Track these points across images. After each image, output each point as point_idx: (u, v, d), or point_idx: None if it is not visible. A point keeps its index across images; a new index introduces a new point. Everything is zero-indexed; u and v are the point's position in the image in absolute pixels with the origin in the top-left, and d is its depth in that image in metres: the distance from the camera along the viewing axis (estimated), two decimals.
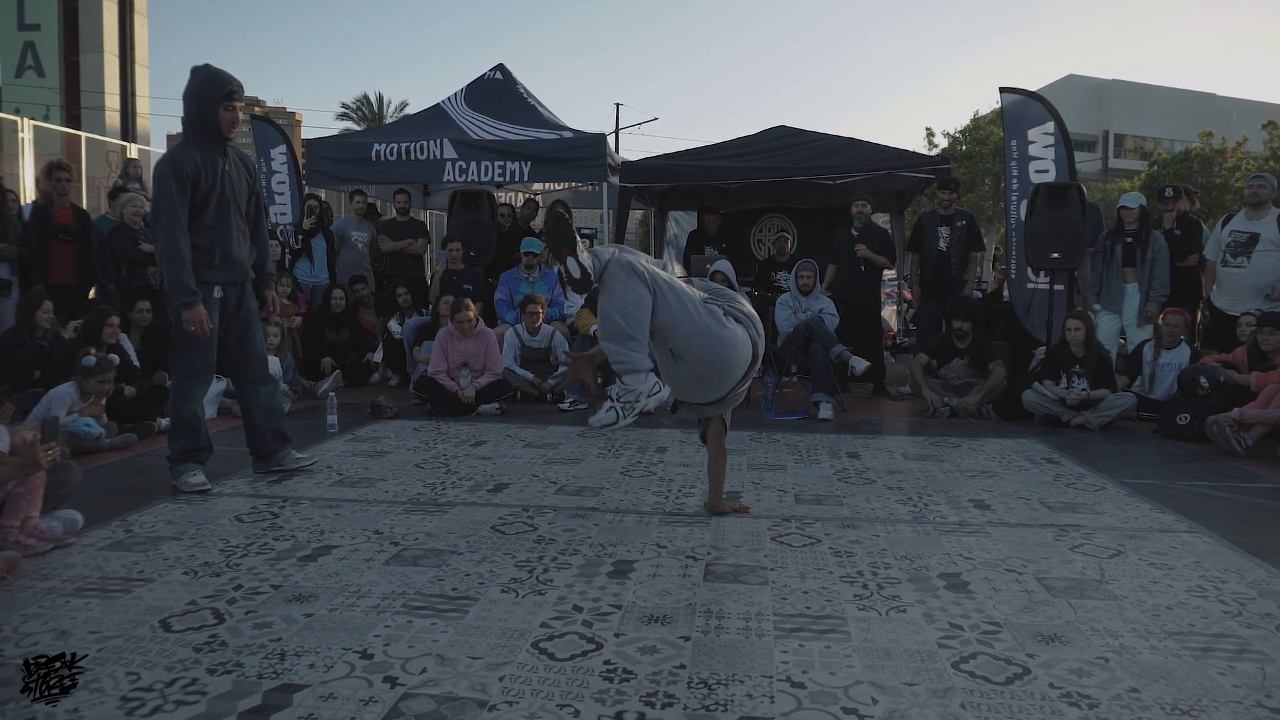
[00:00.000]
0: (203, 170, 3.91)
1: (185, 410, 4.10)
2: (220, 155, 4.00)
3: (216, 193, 3.96)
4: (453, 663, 2.27)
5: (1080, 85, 44.29)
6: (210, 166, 3.94)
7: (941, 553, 3.23)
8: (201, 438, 4.14)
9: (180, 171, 3.86)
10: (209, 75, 3.96)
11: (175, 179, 3.84)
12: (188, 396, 4.11)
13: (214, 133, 3.96)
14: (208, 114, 3.93)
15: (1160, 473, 4.66)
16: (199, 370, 4.11)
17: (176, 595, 2.71)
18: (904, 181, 9.01)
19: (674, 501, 3.92)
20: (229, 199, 4.02)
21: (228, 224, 4.03)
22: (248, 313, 4.25)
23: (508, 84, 9.72)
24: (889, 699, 2.10)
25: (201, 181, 3.91)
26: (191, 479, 4.04)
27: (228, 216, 4.03)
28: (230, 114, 3.95)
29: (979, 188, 24.23)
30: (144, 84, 23.39)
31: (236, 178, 4.09)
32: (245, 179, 4.17)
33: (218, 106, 3.92)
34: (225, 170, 4.01)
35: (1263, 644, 2.44)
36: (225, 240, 4.03)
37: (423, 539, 3.32)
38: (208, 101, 3.92)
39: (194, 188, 3.89)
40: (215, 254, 4.00)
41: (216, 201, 3.97)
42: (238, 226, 4.09)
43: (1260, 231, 6.48)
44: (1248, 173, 18.37)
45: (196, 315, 3.90)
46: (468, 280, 7.66)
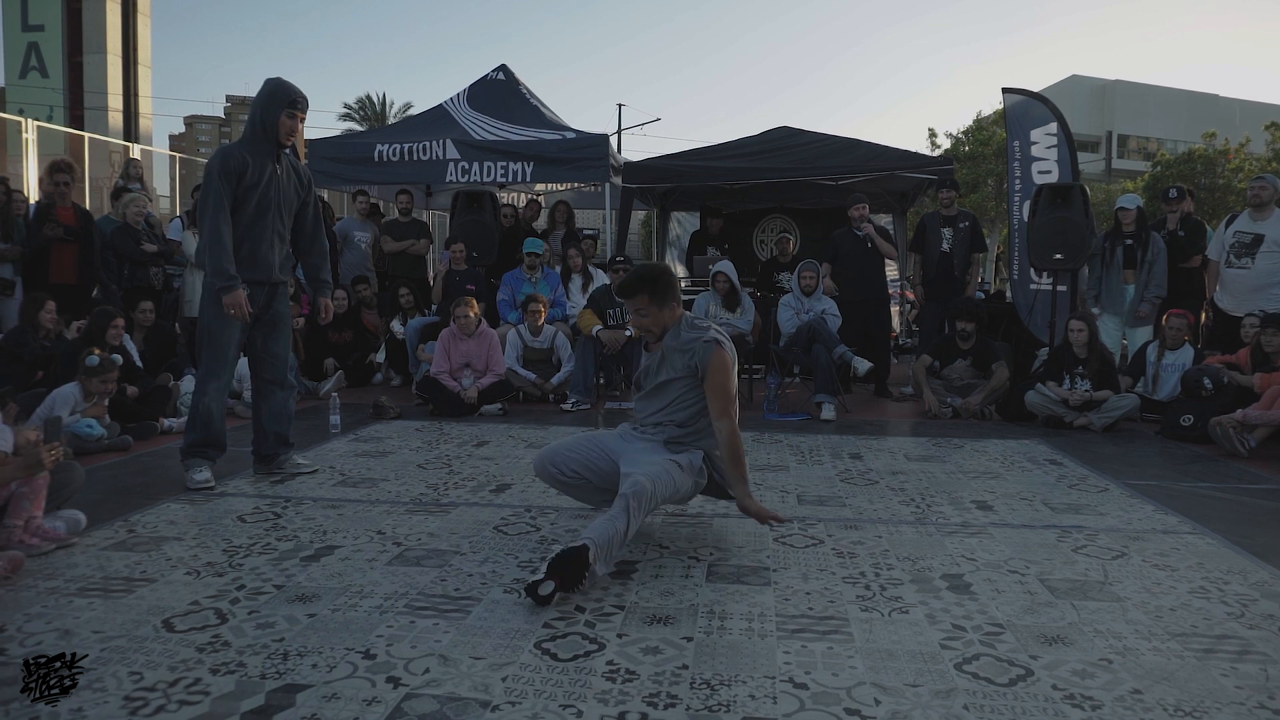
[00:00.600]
0: (250, 168, 4.05)
1: (200, 403, 4.17)
2: (272, 160, 4.14)
3: (259, 192, 4.09)
4: (455, 663, 2.27)
5: (1083, 86, 44.27)
6: (259, 167, 4.08)
7: (944, 554, 3.23)
8: (213, 434, 4.18)
9: (227, 166, 4.01)
10: (278, 84, 4.15)
11: (221, 171, 3.99)
12: (202, 390, 4.18)
13: (271, 137, 4.11)
14: (269, 118, 4.08)
15: (1163, 474, 4.65)
16: (214, 366, 4.16)
17: (179, 595, 2.71)
18: (906, 182, 9.02)
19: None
20: (271, 201, 4.14)
21: (264, 225, 4.14)
22: (277, 314, 4.33)
23: (510, 84, 9.74)
24: (892, 700, 2.10)
25: (247, 178, 4.04)
26: (196, 475, 4.08)
27: (265, 218, 4.14)
28: (290, 122, 4.12)
29: (982, 188, 24.22)
30: (147, 84, 23.44)
31: (285, 184, 4.22)
32: (295, 187, 4.30)
33: (280, 112, 4.08)
34: (275, 174, 4.14)
35: (1265, 645, 2.44)
36: (256, 239, 4.14)
37: (425, 539, 3.32)
38: (272, 106, 4.08)
39: (239, 181, 4.03)
40: (243, 250, 4.10)
41: (258, 201, 4.10)
42: (274, 230, 4.20)
43: (1265, 233, 6.47)
44: (1250, 174, 18.37)
45: (236, 299, 3.99)
46: (470, 280, 7.67)
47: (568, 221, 9.09)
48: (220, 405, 4.22)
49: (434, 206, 11.55)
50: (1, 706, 2.02)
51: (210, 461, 4.18)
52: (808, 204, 10.34)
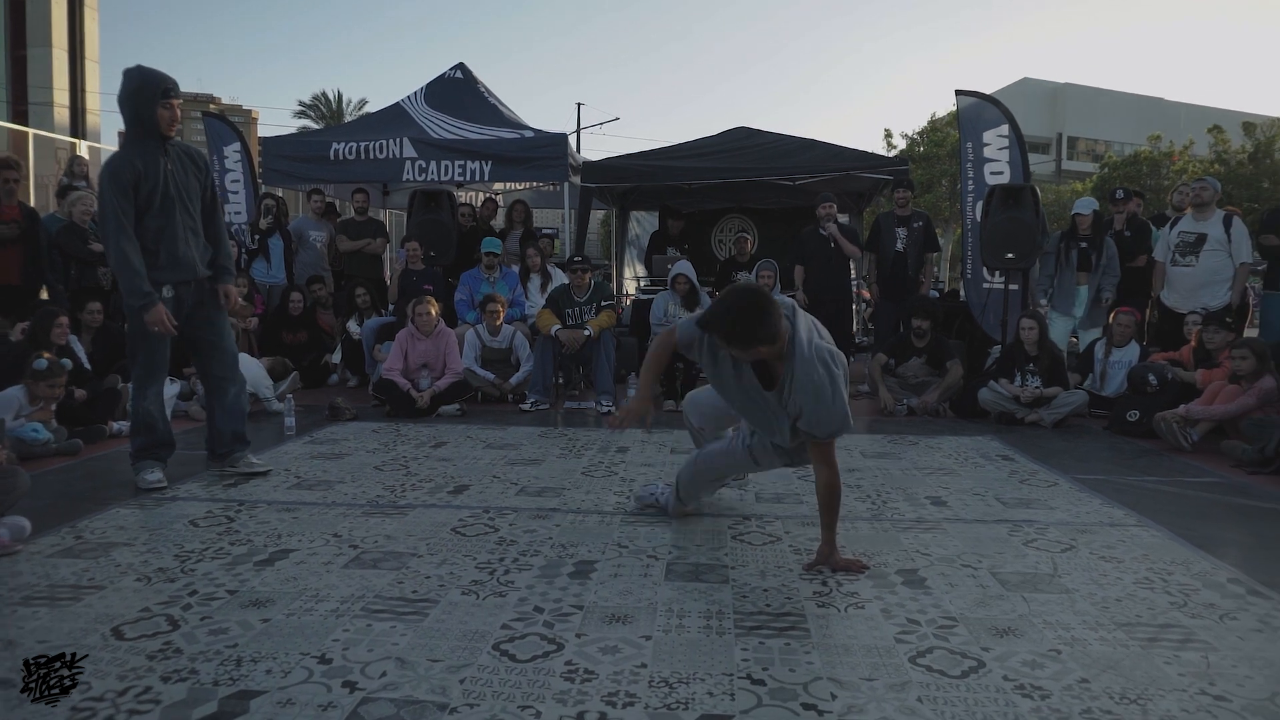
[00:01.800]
0: (143, 174, 3.88)
1: (140, 407, 4.10)
2: (161, 155, 3.96)
3: (160, 194, 3.94)
4: (413, 666, 2.25)
5: (1034, 88, 45.11)
6: (151, 168, 3.91)
7: (899, 549, 3.28)
8: (158, 434, 4.13)
9: (119, 179, 3.84)
10: (144, 75, 3.90)
11: (114, 187, 3.83)
12: (142, 394, 4.11)
13: (154, 132, 3.92)
14: (145, 114, 3.89)
15: (1110, 468, 4.76)
16: (152, 368, 4.09)
17: (129, 602, 2.66)
18: (863, 182, 9.12)
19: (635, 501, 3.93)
20: (174, 198, 3.98)
21: (173, 224, 4.00)
22: (209, 309, 4.23)
23: (468, 83, 9.68)
24: (848, 694, 2.13)
25: (142, 185, 3.88)
26: (148, 476, 4.03)
27: (173, 216, 3.99)
28: (169, 112, 3.92)
29: (936, 188, 24.59)
30: (94, 79, 22.89)
31: (183, 175, 4.04)
32: (194, 175, 4.12)
33: (155, 105, 3.88)
34: (168, 170, 3.97)
35: (1206, 633, 2.51)
36: (171, 240, 3.99)
37: (382, 542, 3.30)
38: (144, 101, 3.87)
39: (135, 191, 3.87)
40: (161, 254, 3.98)
41: (160, 202, 3.94)
42: (185, 225, 4.05)
43: (1207, 232, 6.66)
44: (1194, 175, 18.88)
45: (156, 316, 3.89)
46: (427, 280, 7.61)
47: (525, 221, 9.06)
48: (160, 406, 4.16)
49: (391, 206, 11.44)
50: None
51: (161, 462, 4.13)
52: (766, 204, 10.41)
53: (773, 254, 8.46)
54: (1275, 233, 6.70)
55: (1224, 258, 6.60)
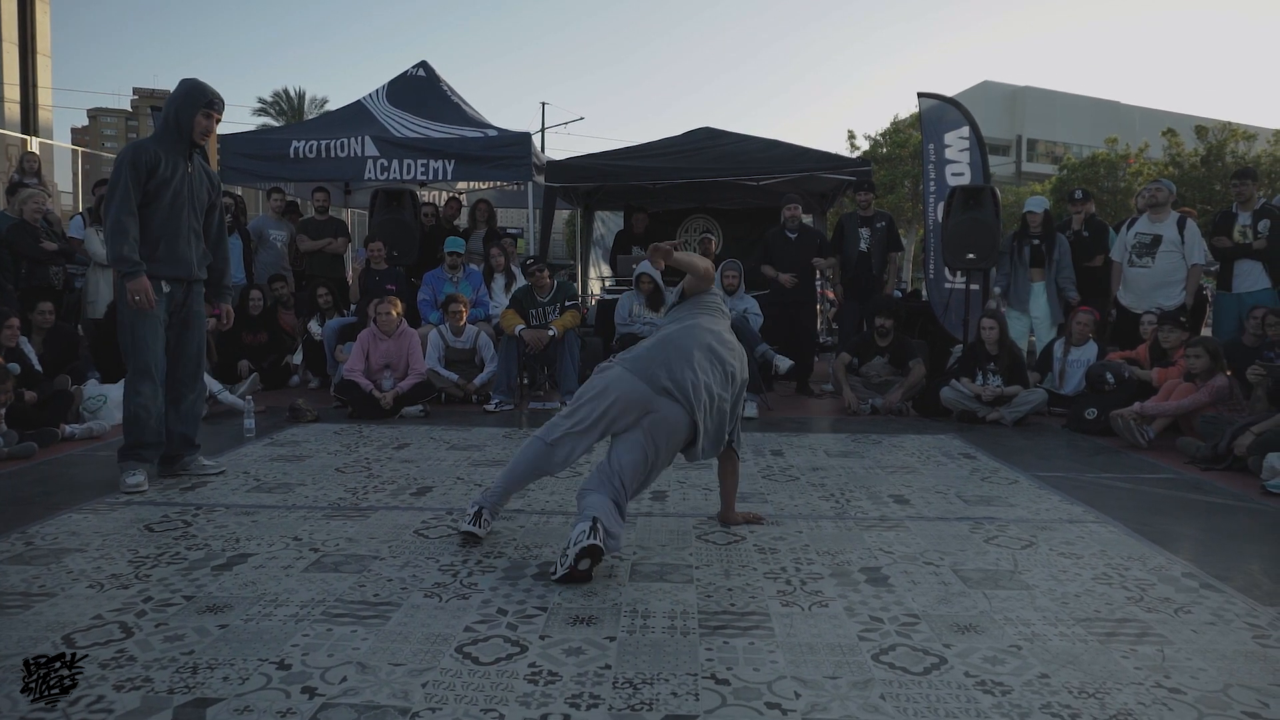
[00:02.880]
0: (163, 163, 4.01)
1: (132, 404, 4.10)
2: (184, 158, 4.13)
3: (172, 189, 4.06)
4: (374, 670, 2.22)
5: (995, 91, 45.78)
6: (171, 163, 4.06)
7: (862, 547, 3.30)
8: (147, 434, 4.11)
9: (139, 159, 3.97)
10: (195, 84, 4.15)
11: (131, 165, 3.96)
12: (134, 390, 4.11)
13: (185, 136, 4.10)
14: (184, 117, 4.07)
15: (1069, 465, 4.83)
16: (144, 365, 4.09)
17: (81, 610, 2.60)
18: (826, 183, 9.17)
19: None
20: (184, 199, 4.12)
21: (178, 221, 4.11)
22: (191, 313, 4.28)
23: (431, 81, 9.59)
24: (811, 693, 2.14)
25: (159, 173, 4.01)
26: (129, 479, 4.01)
27: (180, 215, 4.11)
28: (206, 121, 4.12)
29: (899, 189, 24.80)
30: (46, 75, 22.38)
31: (197, 184, 4.21)
32: (206, 189, 4.28)
33: (196, 112, 4.08)
34: (187, 172, 4.12)
35: (1162, 627, 2.55)
36: (173, 236, 4.10)
37: (343, 545, 3.25)
38: (188, 105, 4.08)
39: (150, 176, 3.99)
40: (160, 247, 4.07)
41: (171, 198, 4.07)
42: (189, 226, 4.17)
43: (1162, 233, 6.79)
44: (1149, 178, 19.25)
45: (140, 285, 3.94)
46: (390, 280, 7.54)
47: (489, 220, 9.00)
48: (155, 405, 4.14)
49: (353, 205, 11.31)
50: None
51: (145, 464, 4.12)
52: (730, 204, 10.45)
53: (737, 254, 8.47)
54: (1226, 234, 6.85)
55: (1179, 259, 6.73)
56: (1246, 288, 6.75)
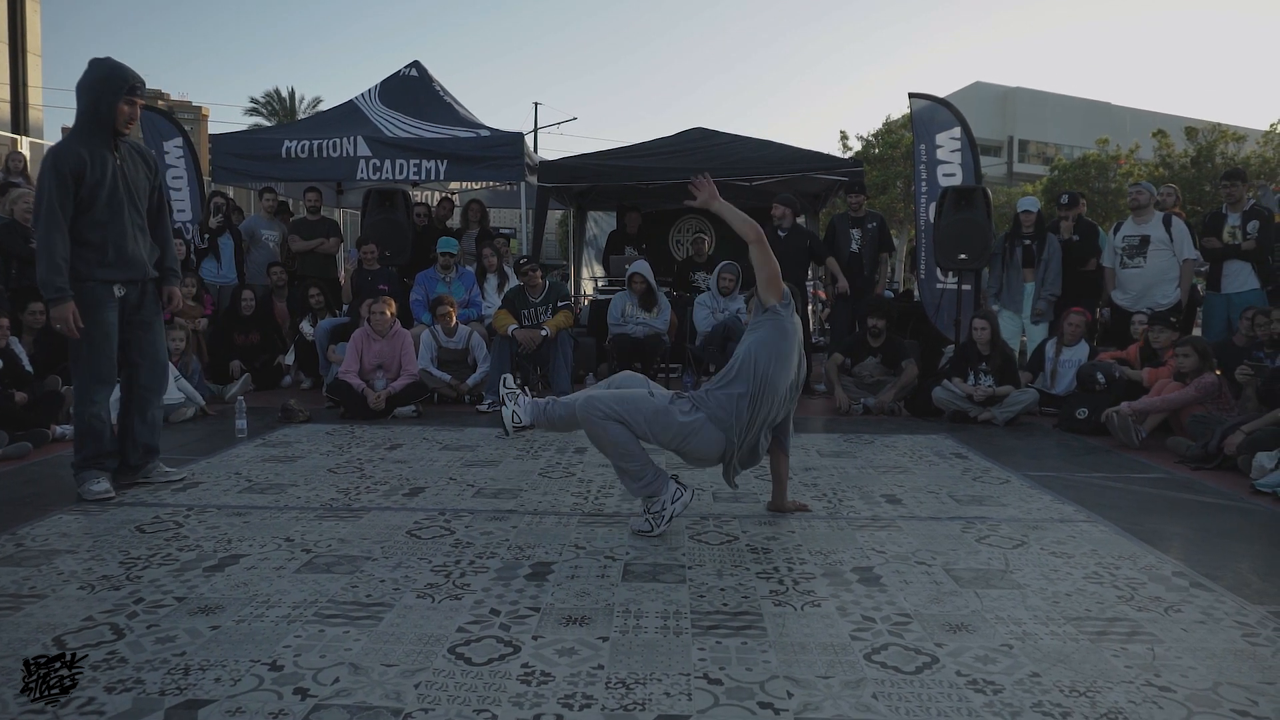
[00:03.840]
0: (89, 165, 3.77)
1: (87, 414, 3.94)
2: (110, 150, 3.87)
3: (107, 188, 3.83)
4: (366, 671, 2.22)
5: (986, 92, 45.92)
6: (99, 161, 3.81)
7: (855, 547, 3.31)
8: (105, 443, 3.99)
9: (61, 167, 3.73)
10: (112, 67, 3.84)
11: (55, 174, 3.72)
12: (89, 400, 3.95)
13: (108, 126, 3.83)
14: (105, 106, 3.80)
15: (1060, 465, 4.85)
16: (100, 373, 3.94)
17: (72, 611, 2.59)
18: (818, 184, 9.19)
19: (593, 502, 3.92)
20: (122, 195, 3.88)
21: (121, 220, 3.89)
22: (149, 313, 4.10)
23: (423, 81, 9.59)
24: (804, 692, 2.14)
25: (88, 176, 3.77)
26: (94, 487, 3.88)
27: (120, 212, 3.88)
28: (130, 109, 3.85)
29: (891, 190, 24.84)
30: (37, 74, 22.27)
31: (133, 172, 3.95)
32: (144, 173, 4.03)
33: (118, 99, 3.80)
34: (117, 165, 3.88)
35: (1152, 626, 2.57)
36: (119, 236, 3.88)
37: (336, 545, 3.25)
38: (107, 93, 3.79)
39: (79, 183, 3.76)
40: (109, 250, 3.86)
41: (108, 197, 3.84)
42: (133, 222, 3.95)
43: (1150, 234, 6.83)
44: (1140, 178, 19.35)
45: (63, 313, 3.72)
46: (382, 280, 7.52)
47: (481, 220, 9.00)
48: (107, 413, 4.02)
49: (345, 205, 11.29)
50: None
51: (107, 472, 3.99)
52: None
53: (729, 254, 8.49)
54: (1216, 235, 6.88)
55: (1170, 256, 6.77)
56: (1235, 288, 6.79)
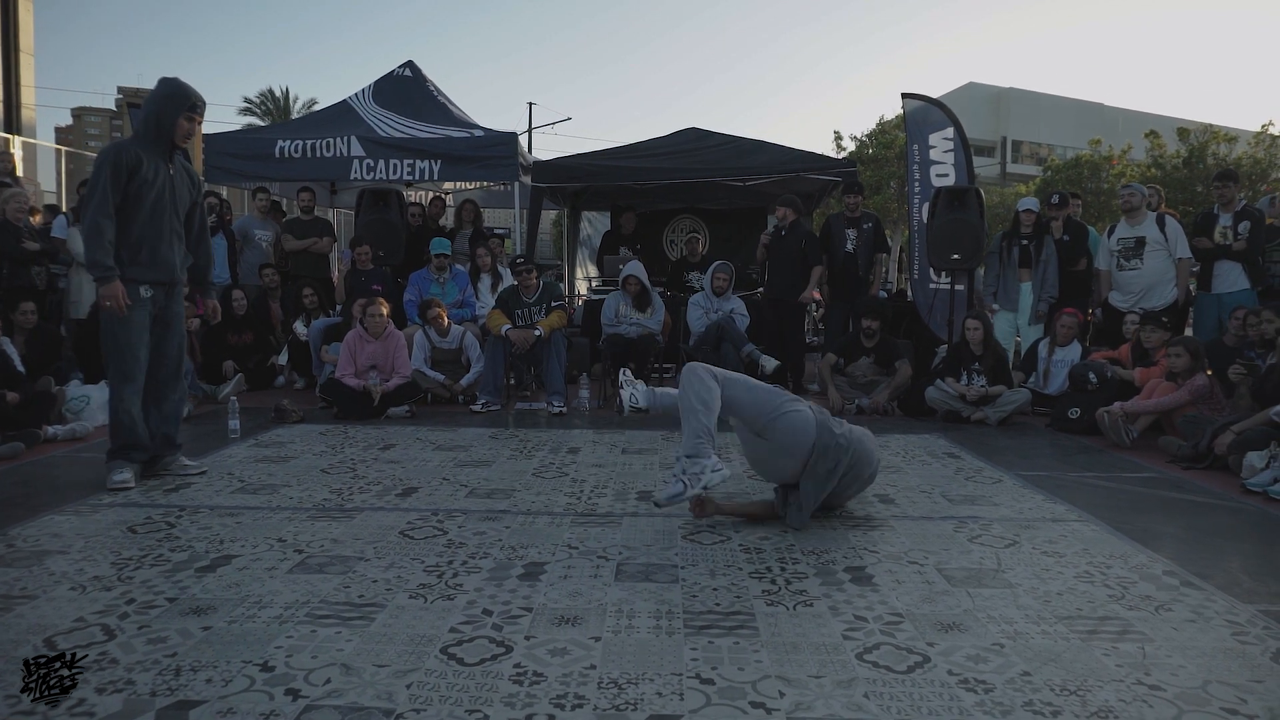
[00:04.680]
0: (145, 165, 3.99)
1: (119, 409, 4.12)
2: (165, 160, 4.11)
3: (154, 191, 4.04)
4: (358, 672, 2.22)
5: (979, 93, 46.03)
6: (153, 165, 4.04)
7: (847, 547, 3.31)
8: (137, 435, 4.14)
9: (119, 160, 3.94)
10: (178, 85, 4.13)
11: (112, 166, 3.92)
12: (119, 396, 4.13)
13: (166, 138, 4.08)
14: (166, 119, 4.04)
15: (1053, 465, 4.87)
16: (128, 368, 4.11)
17: (63, 612, 2.58)
18: (812, 184, 9.20)
19: (586, 502, 3.92)
20: (166, 201, 4.10)
21: (160, 224, 4.10)
22: (173, 315, 4.29)
23: (417, 81, 9.58)
24: (795, 691, 2.14)
25: (140, 174, 3.98)
26: (115, 475, 4.04)
27: (162, 217, 4.10)
28: (188, 125, 4.15)
29: (885, 190, 24.88)
30: (29, 73, 22.19)
31: (179, 184, 4.19)
32: (188, 189, 4.28)
33: (179, 114, 4.05)
34: (169, 174, 4.11)
35: (1143, 625, 2.57)
36: (155, 239, 4.09)
37: (328, 546, 3.24)
38: (170, 107, 4.05)
39: (130, 178, 3.97)
40: (144, 251, 4.06)
41: (153, 200, 4.05)
42: (171, 229, 4.16)
43: (1145, 235, 6.85)
44: (1132, 179, 19.41)
45: (113, 290, 3.92)
46: (376, 280, 7.52)
47: (475, 220, 8.99)
48: (139, 407, 4.17)
49: (339, 205, 11.27)
50: None
51: (133, 463, 4.14)
52: (717, 204, 10.46)
53: (724, 254, 8.50)
54: (1207, 235, 6.90)
55: (1166, 256, 6.79)
56: (1226, 288, 6.82)
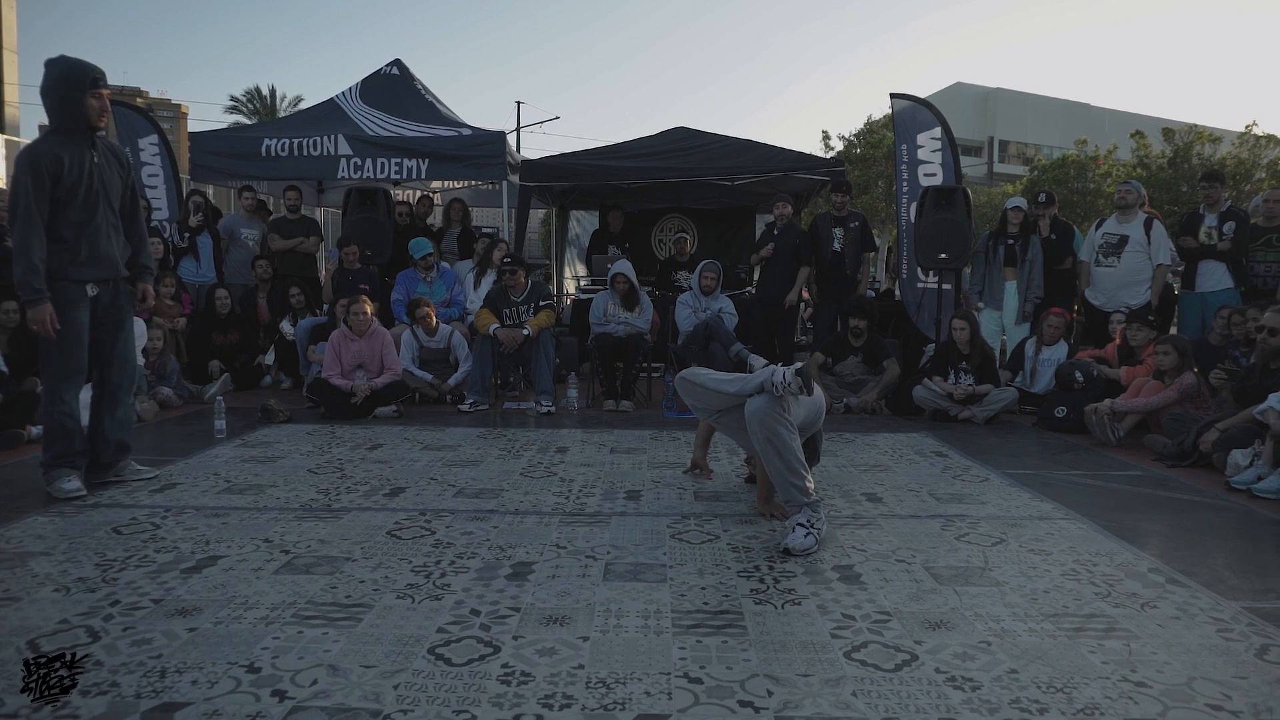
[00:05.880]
0: (67, 164, 3.76)
1: (57, 413, 3.92)
2: (88, 147, 3.85)
3: (84, 186, 3.82)
4: (345, 673, 2.21)
5: (967, 93, 46.25)
6: (76, 160, 3.79)
7: (835, 545, 3.32)
8: (76, 441, 3.97)
9: (38, 165, 3.71)
10: (70, 64, 3.80)
11: (32, 173, 3.70)
12: (59, 398, 3.92)
13: (81, 124, 3.82)
14: (73, 104, 3.78)
15: (1039, 463, 4.89)
16: (70, 371, 3.92)
17: (46, 614, 2.56)
18: (800, 183, 9.21)
19: (574, 502, 3.92)
20: (98, 193, 3.87)
21: (96, 219, 3.88)
22: (121, 312, 4.10)
23: (405, 79, 9.55)
24: (784, 690, 2.15)
25: (65, 176, 3.76)
26: (66, 485, 3.86)
27: (96, 211, 3.87)
28: (98, 102, 3.83)
29: (873, 190, 24.94)
30: (13, 71, 22.02)
31: (108, 171, 3.93)
32: (118, 172, 4.02)
33: (84, 95, 3.78)
34: (94, 163, 3.86)
35: (1129, 622, 2.59)
36: (94, 235, 3.88)
37: (315, 546, 3.23)
38: (72, 90, 3.77)
39: (55, 182, 3.74)
40: (82, 250, 3.85)
41: (84, 195, 3.83)
42: (108, 221, 3.95)
43: (1129, 234, 6.89)
44: (1118, 179, 19.50)
45: (40, 314, 3.72)
46: (363, 280, 7.49)
47: (463, 219, 8.97)
48: (79, 410, 4.00)
49: (326, 204, 11.23)
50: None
51: (77, 470, 3.97)
52: (705, 204, 10.47)
53: (713, 253, 8.50)
54: (1192, 235, 6.95)
55: (1144, 259, 6.84)
56: (1210, 287, 6.87)
